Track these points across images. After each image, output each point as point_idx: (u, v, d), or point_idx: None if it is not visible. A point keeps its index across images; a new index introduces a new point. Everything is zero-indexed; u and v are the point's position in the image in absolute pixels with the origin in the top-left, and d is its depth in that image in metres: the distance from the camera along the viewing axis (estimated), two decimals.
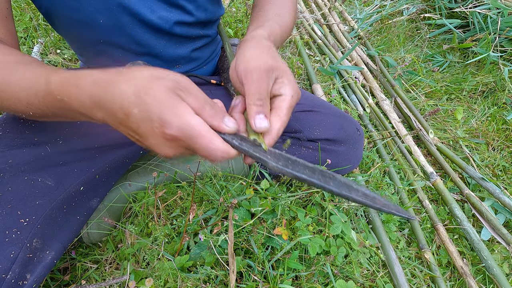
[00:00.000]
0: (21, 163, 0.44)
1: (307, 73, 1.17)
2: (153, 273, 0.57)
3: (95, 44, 0.54)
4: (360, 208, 0.76)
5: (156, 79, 0.29)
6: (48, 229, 0.44)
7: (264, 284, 0.57)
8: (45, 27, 1.11)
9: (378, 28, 1.59)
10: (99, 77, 0.31)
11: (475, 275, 0.73)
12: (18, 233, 0.40)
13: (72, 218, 0.49)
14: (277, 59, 0.37)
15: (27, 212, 0.42)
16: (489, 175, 0.98)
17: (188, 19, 0.55)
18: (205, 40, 0.63)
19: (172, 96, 0.28)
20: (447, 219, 0.84)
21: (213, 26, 0.64)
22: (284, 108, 0.34)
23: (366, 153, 0.90)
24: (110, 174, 0.55)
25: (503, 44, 1.41)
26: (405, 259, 0.71)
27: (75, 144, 0.50)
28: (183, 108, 0.28)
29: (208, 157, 0.30)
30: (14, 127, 0.47)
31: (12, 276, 0.39)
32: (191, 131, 0.28)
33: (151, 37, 0.53)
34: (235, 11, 1.43)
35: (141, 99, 0.28)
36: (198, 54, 0.64)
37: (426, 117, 1.12)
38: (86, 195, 0.51)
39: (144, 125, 0.29)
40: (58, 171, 0.47)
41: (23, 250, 0.40)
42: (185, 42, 0.59)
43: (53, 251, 0.44)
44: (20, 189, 0.43)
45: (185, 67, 0.63)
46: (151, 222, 0.62)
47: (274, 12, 0.50)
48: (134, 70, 0.30)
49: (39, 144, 0.47)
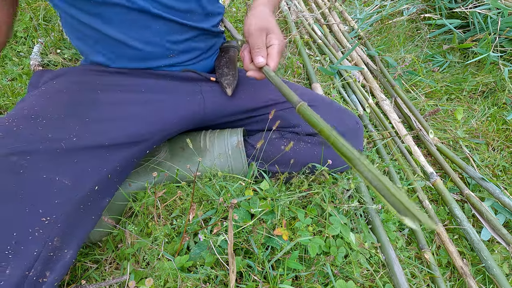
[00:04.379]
0: (39, 160, 0.44)
1: (307, 73, 1.17)
2: (153, 273, 0.57)
3: (90, 31, 0.55)
4: (360, 208, 0.76)
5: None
6: (68, 228, 0.44)
7: (264, 284, 0.57)
8: (45, 27, 1.11)
9: (378, 28, 1.59)
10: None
11: (475, 275, 0.74)
12: (41, 231, 0.41)
13: (88, 218, 0.49)
14: (269, 21, 0.57)
15: (48, 211, 0.42)
16: (489, 175, 0.98)
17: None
18: (197, 32, 0.64)
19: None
20: (447, 219, 0.84)
21: (207, 20, 0.65)
22: (274, 52, 0.55)
23: (366, 153, 0.90)
24: (120, 174, 0.56)
25: (503, 44, 1.41)
26: (405, 259, 0.71)
27: (87, 142, 0.50)
28: None
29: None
30: (26, 123, 0.47)
31: (34, 274, 0.39)
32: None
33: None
34: (235, 11, 1.43)
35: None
36: (192, 45, 0.65)
37: (426, 117, 1.12)
38: (100, 194, 0.51)
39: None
40: (73, 170, 0.47)
41: (45, 248, 0.41)
42: (178, 30, 0.61)
43: (71, 250, 0.45)
44: (40, 187, 0.43)
45: (180, 58, 0.64)
46: (151, 222, 0.62)
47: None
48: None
49: (53, 140, 0.47)
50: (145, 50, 0.59)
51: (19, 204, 0.40)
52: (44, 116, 0.49)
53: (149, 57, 0.60)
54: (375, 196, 0.80)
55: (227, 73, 0.67)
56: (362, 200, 0.77)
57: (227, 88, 0.65)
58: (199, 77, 0.67)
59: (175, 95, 0.62)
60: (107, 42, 0.57)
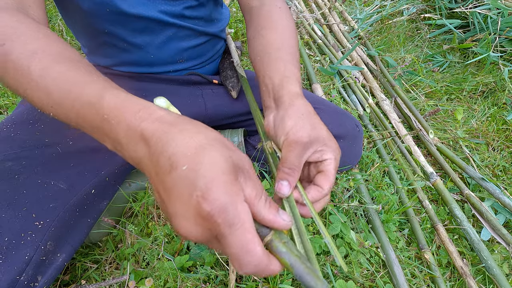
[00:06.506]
0: (34, 164, 0.44)
1: (307, 73, 1.17)
2: (153, 273, 0.57)
3: (99, 34, 0.54)
4: (360, 208, 0.76)
5: (223, 146, 0.26)
6: (61, 232, 0.44)
7: (264, 284, 0.57)
8: None
9: (378, 28, 1.59)
10: (166, 118, 0.27)
11: (475, 275, 0.73)
12: (33, 235, 0.40)
13: (84, 221, 0.49)
14: (316, 127, 0.38)
15: (42, 215, 0.42)
16: (489, 175, 0.98)
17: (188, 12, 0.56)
18: (206, 37, 0.63)
19: (232, 174, 0.24)
20: (447, 219, 0.84)
21: (214, 25, 0.64)
22: (330, 170, 0.36)
23: (366, 153, 0.90)
24: (118, 176, 0.56)
25: (503, 44, 1.41)
26: (405, 259, 0.71)
27: (85, 145, 0.50)
28: (236, 189, 0.24)
29: (237, 259, 0.24)
30: (24, 128, 0.48)
31: (25, 278, 0.39)
32: (235, 217, 0.23)
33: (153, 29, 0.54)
34: (235, 11, 1.43)
35: (198, 158, 0.24)
36: (201, 50, 0.64)
37: (426, 117, 1.12)
38: (97, 197, 0.51)
39: (182, 187, 0.24)
40: (69, 174, 0.47)
41: (37, 252, 0.40)
42: (189, 36, 0.59)
43: (64, 253, 0.45)
44: (34, 191, 0.43)
45: (188, 63, 0.64)
46: (151, 222, 0.62)
47: (287, 49, 0.49)
48: (202, 126, 0.28)
49: (50, 145, 0.47)
50: (155, 56, 0.58)
51: (12, 209, 0.40)
52: (43, 120, 0.49)
53: (158, 62, 0.60)
54: (375, 196, 0.80)
55: (231, 75, 0.67)
56: (363, 200, 0.77)
57: (232, 91, 0.65)
58: (202, 80, 0.67)
59: (176, 98, 0.62)
60: (117, 46, 0.56)
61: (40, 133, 0.48)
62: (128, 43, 0.55)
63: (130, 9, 0.50)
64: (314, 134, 0.37)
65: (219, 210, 0.23)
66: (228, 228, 0.23)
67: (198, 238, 0.25)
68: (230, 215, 0.23)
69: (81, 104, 0.29)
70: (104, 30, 0.52)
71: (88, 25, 0.53)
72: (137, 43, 0.55)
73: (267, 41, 0.50)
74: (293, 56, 0.48)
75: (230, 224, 0.23)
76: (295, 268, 0.25)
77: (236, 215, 0.23)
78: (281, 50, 0.48)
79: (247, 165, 0.27)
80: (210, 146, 0.25)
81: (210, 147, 0.25)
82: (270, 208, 0.27)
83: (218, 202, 0.23)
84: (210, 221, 0.23)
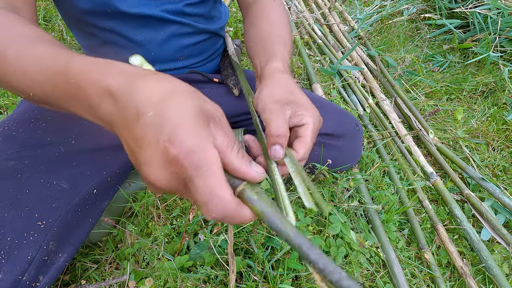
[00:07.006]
0: (37, 163, 0.44)
1: (307, 73, 1.17)
2: (153, 273, 0.57)
3: (100, 32, 0.54)
4: (360, 208, 0.76)
5: (194, 96, 0.25)
6: (63, 232, 0.44)
7: (264, 284, 0.57)
8: (45, 26, 1.11)
9: (378, 28, 1.59)
10: (130, 69, 0.27)
11: (475, 275, 0.73)
12: (36, 235, 0.40)
13: (85, 221, 0.49)
14: (294, 92, 0.40)
15: (44, 214, 0.42)
16: (489, 175, 0.98)
17: None
18: (207, 35, 0.63)
19: (201, 119, 0.24)
20: (447, 219, 0.84)
21: (214, 22, 0.65)
22: (307, 135, 0.37)
23: (366, 153, 0.90)
24: (120, 176, 0.56)
25: (503, 44, 1.41)
26: (405, 259, 0.71)
27: (87, 144, 0.50)
28: (205, 135, 0.24)
29: (205, 203, 0.23)
30: (26, 127, 0.47)
31: (27, 278, 0.39)
32: (201, 159, 0.22)
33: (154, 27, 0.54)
34: (235, 11, 1.43)
35: (165, 104, 0.23)
36: (201, 48, 0.64)
37: (426, 117, 1.12)
38: (99, 197, 0.51)
39: (149, 134, 0.23)
40: (72, 174, 0.47)
41: (40, 252, 0.40)
42: (189, 33, 0.59)
43: (65, 253, 0.45)
44: (37, 191, 0.43)
45: (189, 61, 0.64)
46: (151, 222, 0.62)
47: (276, 33, 0.52)
48: (171, 77, 0.26)
49: (52, 144, 0.47)
50: (156, 53, 0.58)
51: (15, 209, 0.40)
52: (45, 119, 0.49)
53: (159, 60, 0.60)
54: (375, 196, 0.80)
55: (232, 73, 0.67)
56: (363, 200, 0.77)
57: (233, 89, 0.65)
58: (203, 78, 0.67)
59: None
60: (118, 44, 0.56)
61: (42, 132, 0.47)
62: (129, 40, 0.55)
63: (130, 9, 0.50)
64: (292, 97, 0.38)
65: (186, 152, 0.22)
66: (195, 170, 0.22)
67: (167, 186, 0.24)
68: (197, 157, 0.22)
69: (54, 74, 0.29)
70: (105, 27, 0.52)
71: (89, 24, 0.53)
72: (138, 40, 0.55)
73: (259, 29, 0.54)
74: (283, 38, 0.51)
75: (197, 166, 0.22)
76: (265, 214, 0.25)
77: (203, 158, 0.23)
78: (271, 35, 0.52)
79: (219, 114, 0.26)
80: (178, 93, 0.24)
81: (177, 94, 0.24)
82: (243, 159, 0.26)
83: (184, 145, 0.22)
84: (177, 165, 0.23)
